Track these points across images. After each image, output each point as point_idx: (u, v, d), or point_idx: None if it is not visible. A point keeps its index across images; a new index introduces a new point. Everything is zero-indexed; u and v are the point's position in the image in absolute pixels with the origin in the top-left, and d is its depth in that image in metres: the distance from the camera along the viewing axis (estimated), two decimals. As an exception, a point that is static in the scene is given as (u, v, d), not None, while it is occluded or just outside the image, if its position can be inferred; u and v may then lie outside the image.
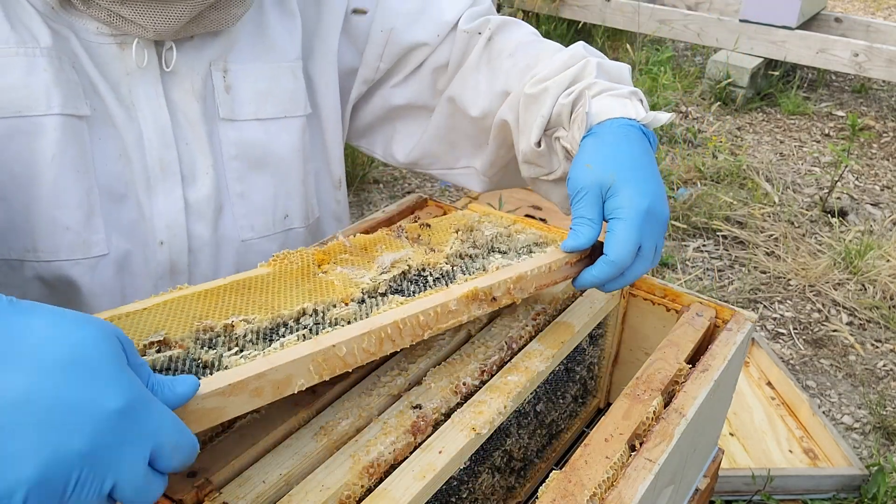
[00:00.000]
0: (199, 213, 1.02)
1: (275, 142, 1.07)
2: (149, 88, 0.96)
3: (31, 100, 0.87)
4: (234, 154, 1.04)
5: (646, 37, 4.50)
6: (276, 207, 1.09)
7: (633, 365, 1.09)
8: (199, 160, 1.01)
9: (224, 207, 1.05)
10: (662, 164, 3.18)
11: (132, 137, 0.96)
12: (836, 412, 2.06)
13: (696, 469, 0.98)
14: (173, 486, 0.66)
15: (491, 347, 0.87)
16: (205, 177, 1.02)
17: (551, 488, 0.70)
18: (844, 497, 1.72)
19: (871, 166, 3.42)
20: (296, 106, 1.09)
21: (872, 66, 3.78)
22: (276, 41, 1.06)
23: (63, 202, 0.91)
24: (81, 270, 0.95)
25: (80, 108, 0.91)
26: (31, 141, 0.88)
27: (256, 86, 1.05)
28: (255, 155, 1.06)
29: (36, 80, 0.87)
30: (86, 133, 0.92)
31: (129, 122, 0.96)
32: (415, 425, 0.75)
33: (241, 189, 1.06)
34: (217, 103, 1.02)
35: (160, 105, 0.97)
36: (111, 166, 0.95)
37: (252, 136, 1.05)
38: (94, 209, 0.94)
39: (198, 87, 1.00)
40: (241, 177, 1.05)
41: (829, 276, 2.57)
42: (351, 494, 0.68)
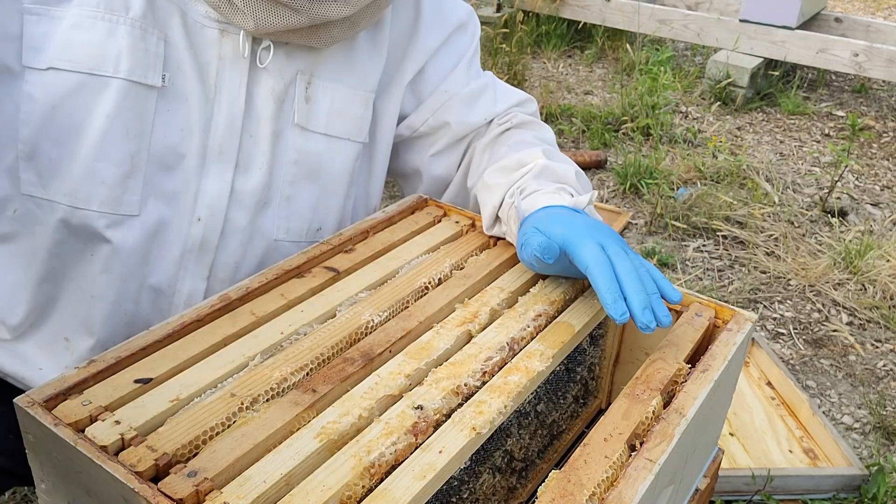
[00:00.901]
0: (242, 202, 1.07)
1: (332, 159, 1.13)
2: (235, 77, 1.03)
3: (103, 60, 0.95)
4: (294, 159, 1.09)
5: (646, 37, 4.50)
6: (313, 218, 1.14)
7: (633, 365, 1.09)
8: (257, 155, 1.06)
9: (270, 204, 1.10)
10: (663, 164, 3.18)
11: (202, 117, 1.02)
12: (836, 412, 2.06)
13: (696, 469, 0.98)
14: (173, 486, 0.66)
15: (492, 348, 0.87)
16: (258, 171, 1.07)
17: (551, 488, 0.70)
18: (844, 497, 1.72)
19: (871, 166, 3.42)
20: (359, 132, 1.14)
21: (872, 66, 3.78)
22: (361, 69, 1.13)
23: (105, 157, 0.97)
24: (106, 223, 1.00)
25: (150, 78, 0.98)
26: (93, 96, 0.96)
27: (333, 104, 1.11)
28: (312, 165, 1.11)
29: (112, 43, 0.95)
30: (151, 101, 0.99)
31: (205, 103, 1.02)
32: (416, 426, 0.75)
33: (290, 193, 1.10)
34: (294, 109, 1.08)
35: (240, 94, 1.03)
36: (170, 137, 1.01)
37: (315, 148, 1.10)
38: (136, 172, 1.00)
39: (279, 89, 1.06)
40: (293, 181, 1.10)
41: (829, 276, 2.58)
42: (352, 494, 0.68)
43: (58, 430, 0.71)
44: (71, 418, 0.73)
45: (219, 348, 0.85)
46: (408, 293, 0.97)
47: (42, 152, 0.97)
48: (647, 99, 3.52)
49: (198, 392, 0.78)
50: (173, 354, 0.83)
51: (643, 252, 2.64)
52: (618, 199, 3.05)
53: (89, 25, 0.95)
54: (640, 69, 3.85)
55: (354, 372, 0.83)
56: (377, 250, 1.07)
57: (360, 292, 0.97)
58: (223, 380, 0.81)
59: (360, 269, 1.02)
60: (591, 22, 4.57)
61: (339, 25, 1.04)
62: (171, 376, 0.80)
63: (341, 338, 0.88)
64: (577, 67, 4.48)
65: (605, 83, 4.24)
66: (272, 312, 0.92)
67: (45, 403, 0.74)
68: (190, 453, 0.71)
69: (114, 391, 0.77)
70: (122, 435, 0.71)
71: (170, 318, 0.89)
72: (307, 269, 1.01)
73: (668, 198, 2.97)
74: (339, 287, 0.98)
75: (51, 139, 0.96)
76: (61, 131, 0.96)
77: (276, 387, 0.80)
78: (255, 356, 0.84)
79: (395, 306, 0.95)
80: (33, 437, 0.75)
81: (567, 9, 4.57)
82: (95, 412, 0.74)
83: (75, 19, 0.94)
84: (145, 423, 0.73)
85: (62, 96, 0.95)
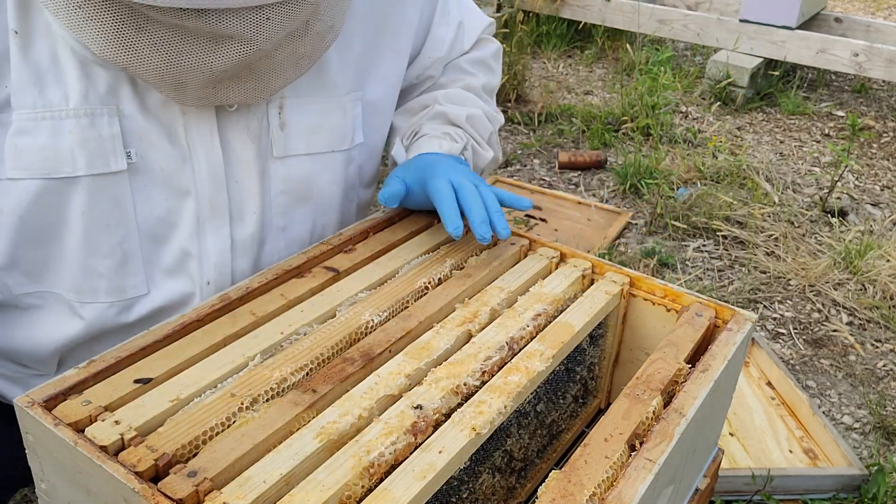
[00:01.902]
0: (244, 250, 1.05)
1: (319, 176, 1.10)
2: (204, 129, 0.97)
3: (58, 162, 0.90)
4: (281, 189, 1.06)
5: (646, 37, 4.50)
6: (312, 236, 1.13)
7: (633, 365, 1.09)
8: (248, 199, 1.03)
9: (266, 241, 1.08)
10: (663, 164, 3.18)
11: (184, 180, 0.97)
12: (836, 412, 2.06)
13: (696, 469, 0.98)
14: (173, 486, 0.66)
15: (491, 348, 0.87)
16: (252, 215, 1.04)
17: (551, 488, 0.70)
18: (844, 497, 1.72)
19: (871, 166, 3.42)
20: (341, 140, 1.11)
21: (872, 66, 3.78)
22: (332, 75, 1.08)
23: (94, 252, 0.95)
24: (117, 311, 0.99)
25: (114, 163, 0.92)
26: (60, 198, 0.91)
27: (309, 121, 1.06)
28: (301, 189, 1.08)
29: (61, 143, 0.89)
30: (124, 185, 0.94)
31: (182, 164, 0.97)
32: (415, 426, 0.75)
33: (284, 223, 1.09)
34: (271, 142, 1.03)
35: (214, 145, 0.98)
36: (156, 211, 0.97)
37: (300, 172, 1.07)
38: (131, 256, 0.97)
39: (254, 126, 1.01)
40: (285, 211, 1.08)
41: (829, 276, 2.57)
42: (351, 494, 0.68)
43: (58, 430, 0.71)
44: (71, 418, 0.73)
45: (219, 348, 0.85)
46: (408, 293, 0.97)
47: (24, 258, 0.94)
48: (647, 99, 3.52)
49: (198, 392, 0.78)
50: (173, 354, 0.83)
51: (643, 252, 2.64)
52: (618, 199, 3.05)
53: (32, 129, 0.88)
54: (640, 69, 3.85)
55: (354, 372, 0.83)
56: (377, 250, 1.07)
57: (360, 292, 0.97)
58: (223, 380, 0.81)
59: (360, 269, 1.02)
60: (591, 22, 4.57)
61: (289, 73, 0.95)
62: (170, 376, 0.80)
63: (341, 338, 0.88)
64: (577, 67, 4.48)
65: (605, 83, 4.24)
66: (272, 312, 0.92)
67: (44, 403, 0.74)
68: (190, 453, 0.71)
69: (114, 391, 0.77)
70: (121, 435, 0.71)
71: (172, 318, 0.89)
72: (307, 269, 1.01)
73: (668, 198, 2.97)
74: (339, 287, 0.98)
75: (29, 244, 0.93)
76: (39, 235, 0.93)
77: (276, 387, 0.80)
78: (255, 356, 0.84)
79: (394, 306, 0.95)
80: (33, 437, 0.75)
81: (567, 9, 4.57)
82: (95, 412, 0.74)
83: (18, 124, 0.88)
84: (145, 423, 0.73)
85: (28, 204, 0.90)
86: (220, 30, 0.79)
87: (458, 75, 1.31)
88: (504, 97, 3.78)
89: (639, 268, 2.55)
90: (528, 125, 3.64)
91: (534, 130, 3.60)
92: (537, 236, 1.11)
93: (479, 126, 1.26)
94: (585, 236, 2.71)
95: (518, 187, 3.01)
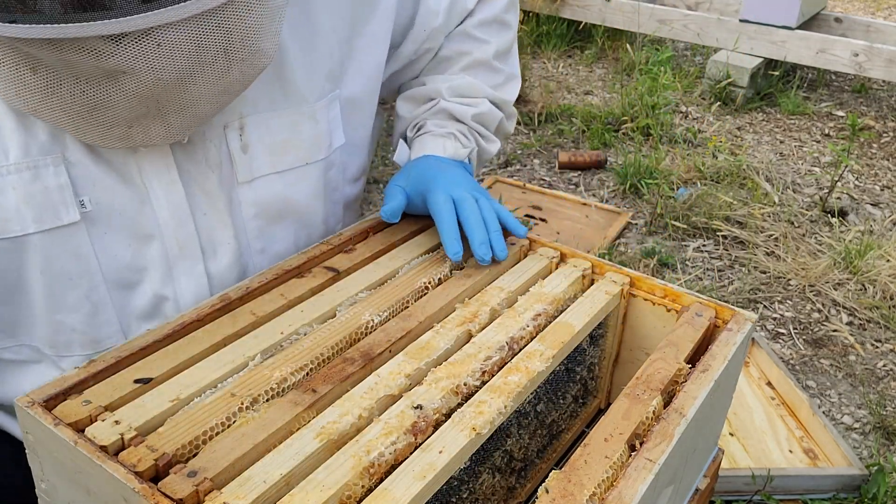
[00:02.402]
0: (223, 283, 1.00)
1: (294, 191, 1.04)
2: (160, 164, 0.91)
3: (4, 221, 0.84)
4: (253, 214, 1.01)
5: (646, 37, 4.50)
6: (297, 248, 1.08)
7: (633, 365, 1.09)
8: (219, 231, 0.98)
9: (247, 266, 1.03)
10: (663, 164, 3.18)
11: (145, 222, 0.92)
12: (836, 412, 2.06)
13: (696, 469, 0.98)
14: (173, 486, 0.66)
15: (492, 348, 0.87)
16: (226, 247, 0.99)
17: (551, 488, 0.70)
18: (844, 497, 1.72)
19: (871, 166, 3.42)
20: (316, 151, 1.05)
21: (872, 66, 3.78)
22: (297, 85, 1.00)
23: (61, 308, 0.90)
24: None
25: (66, 215, 0.86)
26: (15, 257, 0.86)
27: (274, 139, 0.99)
28: (275, 208, 1.03)
29: (5, 201, 0.83)
30: (81, 235, 0.88)
31: (141, 206, 0.91)
32: (415, 426, 0.75)
33: (262, 245, 1.04)
34: (235, 168, 0.97)
35: (173, 180, 0.92)
36: (121, 257, 0.92)
37: (271, 192, 1.01)
38: (101, 306, 0.92)
39: (213, 154, 0.94)
40: (260, 234, 1.03)
41: (829, 276, 2.57)
42: (352, 494, 0.68)
43: (58, 430, 0.71)
44: (71, 418, 0.73)
45: (219, 348, 0.85)
46: (408, 293, 0.97)
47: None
48: (647, 99, 3.52)
49: (198, 392, 0.78)
50: (173, 354, 0.83)
51: (643, 252, 2.64)
52: (618, 199, 3.05)
53: None
54: (640, 69, 3.85)
55: (354, 372, 0.83)
56: (377, 250, 1.07)
57: (360, 292, 0.97)
58: (223, 380, 0.81)
59: (360, 269, 1.02)
60: (591, 22, 4.56)
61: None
62: (171, 376, 0.80)
63: (341, 338, 0.88)
64: (577, 67, 4.48)
65: (605, 83, 4.24)
66: (272, 312, 0.92)
67: (45, 403, 0.74)
68: (190, 453, 0.71)
69: (114, 391, 0.77)
70: (121, 435, 0.71)
71: (172, 318, 0.89)
72: (307, 269, 1.01)
73: (668, 198, 2.97)
74: (339, 287, 0.98)
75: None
76: (2, 292, 0.89)
77: (276, 387, 0.80)
78: (255, 356, 0.84)
79: (395, 306, 0.95)
80: (33, 436, 0.75)
81: (567, 9, 4.57)
82: (95, 412, 0.74)
83: None
84: (145, 423, 0.73)
85: None
86: (105, 63, 0.70)
87: (466, 45, 1.22)
88: (504, 97, 3.77)
89: (639, 268, 2.55)
90: (528, 125, 3.64)
91: (534, 130, 3.60)
92: (537, 236, 1.11)
93: (487, 120, 1.23)
94: (585, 236, 2.71)
95: (518, 187, 3.01)
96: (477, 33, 1.22)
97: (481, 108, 1.21)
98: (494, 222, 1.04)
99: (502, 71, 1.26)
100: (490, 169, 3.23)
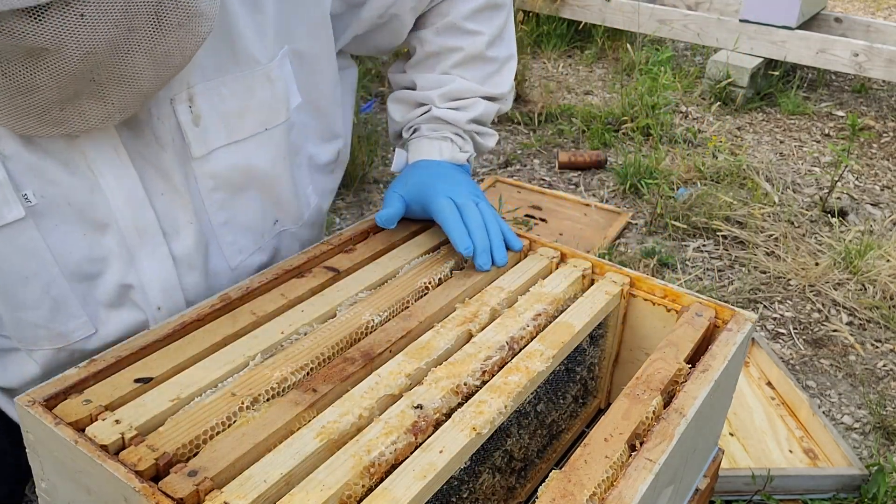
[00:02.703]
0: (189, 264, 0.95)
1: (255, 159, 0.98)
2: (105, 148, 0.85)
3: None
4: (212, 187, 0.95)
5: (646, 37, 4.50)
6: (264, 220, 1.03)
7: (633, 365, 1.09)
8: (179, 211, 0.92)
9: (210, 244, 0.98)
10: (663, 164, 3.18)
11: (98, 210, 0.87)
12: (836, 412, 2.06)
13: (696, 469, 0.98)
14: (173, 486, 0.66)
15: (492, 348, 0.87)
16: (188, 225, 0.94)
17: (551, 487, 0.70)
18: (844, 497, 1.72)
19: (871, 166, 3.42)
20: (275, 115, 0.99)
21: (872, 66, 3.78)
22: (248, 48, 0.93)
23: (21, 306, 0.86)
24: (67, 355, 0.92)
25: (8, 213, 0.81)
26: None
27: (227, 107, 0.93)
28: (236, 180, 0.97)
29: None
30: (30, 231, 0.83)
31: (91, 194, 0.85)
32: (416, 425, 0.75)
33: (225, 218, 0.98)
34: (188, 143, 0.91)
35: (123, 164, 0.86)
36: (77, 250, 0.87)
37: (229, 164, 0.95)
38: (64, 301, 0.88)
39: (162, 132, 0.88)
40: (223, 207, 0.97)
41: (829, 276, 2.57)
42: (352, 494, 0.68)
43: (58, 429, 0.71)
44: (71, 417, 0.73)
45: (219, 348, 0.85)
46: (408, 293, 0.97)
47: None
48: (647, 99, 3.52)
49: (198, 391, 0.78)
50: (174, 354, 0.83)
51: (643, 252, 2.64)
52: (618, 199, 3.05)
53: None
54: (640, 69, 3.85)
55: (355, 371, 0.83)
56: (377, 250, 1.07)
57: (361, 292, 0.97)
58: (223, 379, 0.81)
59: (361, 269, 1.02)
60: (591, 22, 4.56)
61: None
62: (171, 376, 0.80)
63: (341, 337, 0.88)
64: (577, 67, 4.48)
65: (605, 83, 4.24)
66: (272, 312, 0.92)
67: (45, 402, 0.74)
68: (190, 453, 0.72)
69: (114, 390, 0.77)
70: (122, 434, 0.71)
71: (172, 318, 0.89)
72: (307, 269, 1.01)
73: (668, 198, 2.97)
74: (340, 287, 0.98)
75: None
76: None
77: (277, 386, 0.80)
78: (255, 356, 0.84)
79: (395, 306, 0.95)
80: (34, 436, 0.75)
81: (567, 9, 4.57)
82: (96, 411, 0.74)
83: None
84: (146, 422, 0.73)
85: None
86: (27, 42, 0.65)
87: (456, 41, 1.17)
88: (504, 97, 3.78)
89: (639, 268, 2.55)
90: (528, 125, 3.63)
91: (534, 130, 3.59)
92: (537, 236, 1.11)
93: (483, 120, 1.23)
94: (585, 236, 2.71)
95: (518, 187, 3.01)
96: (468, 25, 1.17)
97: (475, 110, 1.20)
98: (496, 228, 1.06)
99: (496, 59, 1.21)
100: (490, 169, 3.23)
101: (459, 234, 1.02)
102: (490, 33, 1.19)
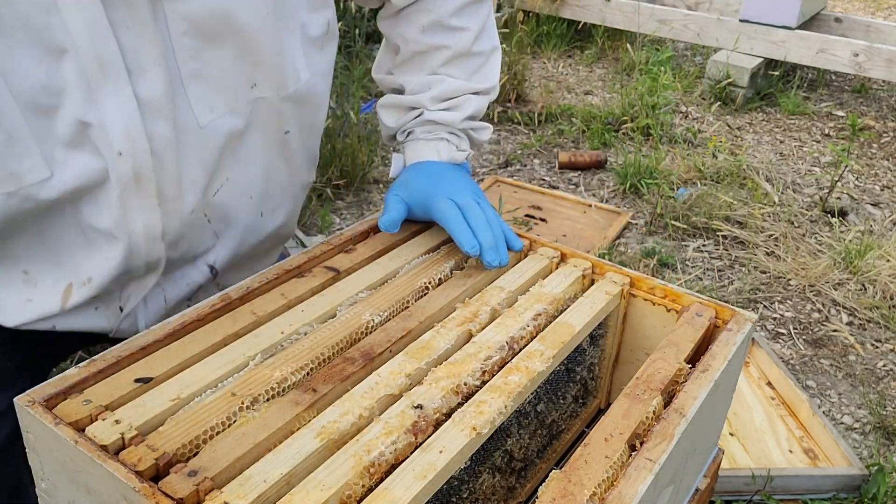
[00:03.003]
0: (157, 110, 0.89)
1: (236, 6, 0.91)
2: None
3: None
4: (183, 30, 0.88)
5: (646, 37, 4.50)
6: (239, 80, 0.97)
7: (633, 365, 1.09)
8: (145, 48, 0.86)
9: (177, 93, 0.91)
10: (663, 164, 3.18)
11: (55, 34, 0.81)
12: (836, 412, 2.06)
13: (697, 469, 0.98)
14: (173, 486, 0.66)
15: (492, 348, 0.87)
16: (155, 67, 0.87)
17: (551, 488, 0.70)
18: (844, 497, 1.72)
19: (871, 166, 3.42)
20: None
21: (872, 66, 3.78)
22: None
23: None
24: (20, 200, 0.87)
25: None
26: None
27: None
28: (212, 28, 0.90)
29: None
30: None
31: (47, 15, 0.79)
32: (416, 425, 0.75)
33: (196, 67, 0.91)
34: None
35: None
36: (31, 76, 0.82)
37: (204, 7, 0.88)
38: (16, 133, 0.83)
39: None
40: (195, 55, 0.90)
41: (829, 276, 2.57)
42: (352, 494, 0.68)
43: (58, 429, 0.71)
44: (71, 417, 0.73)
45: (219, 348, 0.85)
46: (408, 293, 0.97)
47: None
48: (647, 99, 3.52)
49: (198, 391, 0.78)
50: (174, 354, 0.83)
51: (643, 252, 2.64)
52: (618, 199, 3.05)
53: None
54: (640, 69, 3.85)
55: (355, 371, 0.83)
56: (377, 250, 1.07)
57: (361, 292, 0.97)
58: (223, 379, 0.81)
59: (361, 269, 1.02)
60: (591, 22, 4.56)
61: None
62: (171, 375, 0.80)
63: (341, 337, 0.88)
64: (577, 67, 4.48)
65: (605, 83, 4.24)
66: (272, 312, 0.92)
67: (45, 402, 0.74)
68: (190, 453, 0.72)
69: (114, 390, 0.77)
70: (122, 434, 0.71)
71: (173, 317, 0.89)
72: (307, 269, 1.01)
73: (668, 198, 2.97)
74: (340, 287, 0.98)
75: None
76: None
77: (277, 386, 0.80)
78: (255, 356, 0.84)
79: (395, 306, 0.95)
80: (34, 436, 0.75)
81: (567, 9, 4.57)
82: (96, 411, 0.74)
83: None
84: (146, 422, 0.73)
85: None
86: None
87: (443, 39, 1.16)
88: (504, 97, 3.78)
89: (639, 268, 2.55)
90: (528, 125, 3.64)
91: (534, 130, 3.60)
92: (537, 236, 1.11)
93: (476, 115, 1.23)
94: (585, 236, 2.71)
95: (518, 187, 3.01)
96: (454, 22, 1.16)
97: (468, 108, 1.20)
98: (499, 227, 1.06)
99: (482, 53, 1.21)
100: (490, 169, 3.23)
101: (464, 234, 1.03)
102: (476, 28, 1.19)
